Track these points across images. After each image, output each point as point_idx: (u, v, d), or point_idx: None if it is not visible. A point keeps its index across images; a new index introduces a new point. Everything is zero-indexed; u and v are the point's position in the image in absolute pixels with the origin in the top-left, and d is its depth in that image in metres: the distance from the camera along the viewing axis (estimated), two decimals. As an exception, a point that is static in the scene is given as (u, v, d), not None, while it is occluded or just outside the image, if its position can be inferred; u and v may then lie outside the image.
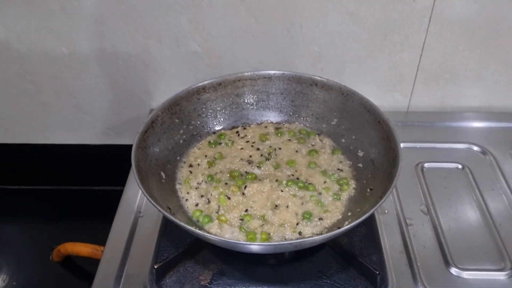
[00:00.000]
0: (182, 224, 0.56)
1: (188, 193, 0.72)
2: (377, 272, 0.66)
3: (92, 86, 0.97)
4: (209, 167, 0.75)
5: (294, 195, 0.70)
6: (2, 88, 0.98)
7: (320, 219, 0.68)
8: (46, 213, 1.12)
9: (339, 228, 0.59)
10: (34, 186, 1.17)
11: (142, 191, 0.59)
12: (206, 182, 0.73)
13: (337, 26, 0.87)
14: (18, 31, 0.89)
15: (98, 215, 0.82)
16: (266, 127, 0.83)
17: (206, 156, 0.77)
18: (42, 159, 1.10)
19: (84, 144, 1.07)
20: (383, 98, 0.98)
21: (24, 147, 1.07)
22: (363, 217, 0.58)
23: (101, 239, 0.75)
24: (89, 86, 0.97)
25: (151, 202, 0.58)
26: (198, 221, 0.68)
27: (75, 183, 1.16)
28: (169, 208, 0.65)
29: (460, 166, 0.86)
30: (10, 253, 1.03)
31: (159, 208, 0.57)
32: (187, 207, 0.70)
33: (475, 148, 0.90)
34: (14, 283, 0.97)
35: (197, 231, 0.56)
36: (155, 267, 0.65)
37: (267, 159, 0.77)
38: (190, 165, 0.76)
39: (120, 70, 0.94)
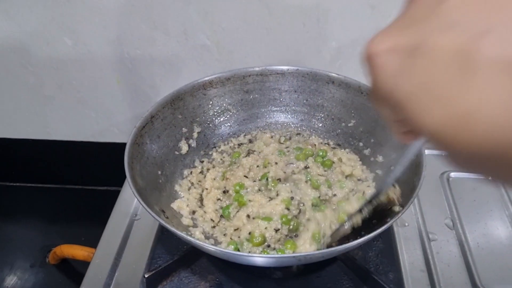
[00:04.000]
0: (174, 230, 0.49)
1: (187, 197, 0.66)
2: (395, 292, 0.58)
3: (96, 79, 0.92)
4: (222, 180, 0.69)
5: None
6: (3, 80, 0.94)
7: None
8: (45, 212, 1.07)
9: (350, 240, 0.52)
10: (33, 184, 1.13)
11: (132, 190, 0.54)
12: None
13: (358, 20, 0.80)
14: (20, 20, 0.84)
15: (98, 216, 0.77)
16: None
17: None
18: (43, 156, 1.06)
19: (87, 142, 1.02)
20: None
21: (24, 143, 1.03)
22: (379, 230, 0.51)
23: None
24: (93, 79, 0.92)
25: (140, 203, 0.52)
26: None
27: (77, 182, 1.11)
28: (163, 211, 0.59)
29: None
30: (7, 254, 0.98)
31: (149, 210, 0.51)
32: (184, 212, 0.64)
33: (508, 157, 0.81)
34: (8, 286, 0.92)
35: (190, 238, 0.49)
36: (146, 276, 0.59)
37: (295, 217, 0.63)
38: (201, 172, 0.70)
39: (125, 63, 0.89)
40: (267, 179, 0.66)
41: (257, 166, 0.69)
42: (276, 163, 0.69)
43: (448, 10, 0.21)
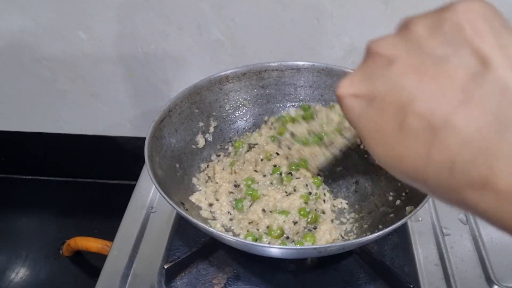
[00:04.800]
0: (195, 221, 0.50)
1: (205, 190, 0.66)
2: (411, 286, 0.59)
3: (109, 74, 0.93)
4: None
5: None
6: (17, 74, 0.94)
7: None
8: (58, 206, 1.08)
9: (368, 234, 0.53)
10: (47, 177, 1.13)
11: (153, 182, 0.54)
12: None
13: (371, 16, 0.80)
14: (35, 15, 0.85)
15: (111, 209, 0.78)
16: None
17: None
18: (56, 149, 1.07)
19: (99, 135, 1.03)
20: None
21: (37, 136, 1.03)
22: (396, 225, 0.51)
23: (113, 235, 0.71)
24: (106, 74, 0.93)
25: (161, 194, 0.52)
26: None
27: (90, 175, 1.12)
28: (183, 204, 0.60)
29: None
30: (20, 246, 0.99)
31: (170, 201, 0.52)
32: (202, 205, 0.64)
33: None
34: (23, 277, 0.93)
35: (211, 229, 0.50)
36: (165, 267, 0.60)
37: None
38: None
39: (139, 57, 0.90)
40: (280, 173, 0.66)
41: (262, 160, 0.69)
42: (277, 154, 0.69)
43: (393, 73, 0.25)
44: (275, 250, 0.52)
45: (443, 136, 0.22)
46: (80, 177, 1.13)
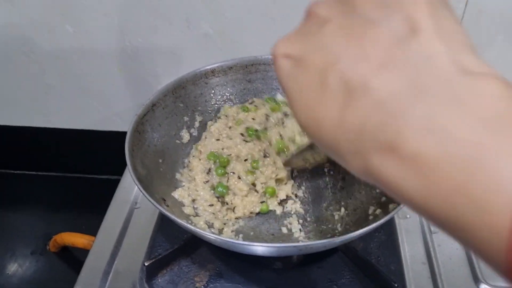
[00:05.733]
0: (174, 217, 0.49)
1: (188, 186, 0.65)
2: (395, 285, 0.58)
3: (97, 68, 0.92)
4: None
5: None
6: (4, 67, 0.93)
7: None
8: (45, 200, 1.07)
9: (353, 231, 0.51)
10: (35, 171, 1.12)
11: (132, 178, 0.53)
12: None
13: (362, 10, 0.79)
14: (22, 7, 0.84)
15: (100, 204, 0.77)
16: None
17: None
18: (44, 143, 1.06)
19: (88, 130, 1.02)
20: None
21: (25, 130, 1.02)
22: (381, 221, 0.50)
23: (100, 229, 0.70)
24: (95, 68, 0.92)
25: (140, 190, 0.51)
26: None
27: (78, 170, 1.11)
28: (164, 200, 0.59)
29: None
30: (7, 242, 0.98)
31: (149, 197, 0.51)
32: (185, 201, 0.63)
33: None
34: (9, 273, 0.92)
35: (190, 226, 0.49)
36: (146, 264, 0.59)
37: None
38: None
39: (127, 51, 0.88)
40: (256, 130, 0.66)
41: (230, 127, 0.69)
42: (253, 119, 0.68)
43: (323, 34, 0.25)
44: (255, 247, 0.51)
45: (357, 98, 0.22)
46: (68, 172, 1.12)
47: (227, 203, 0.63)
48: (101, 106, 0.98)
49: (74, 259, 0.93)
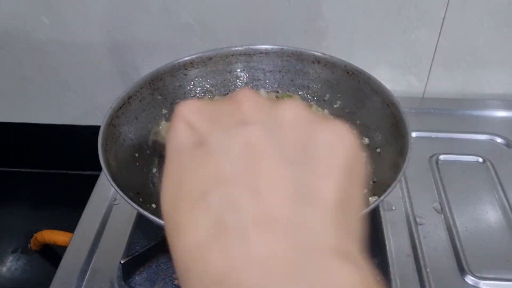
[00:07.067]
0: (145, 213, 0.47)
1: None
2: (379, 278, 0.56)
3: (76, 60, 0.89)
4: None
5: None
6: (-20, 61, 0.90)
7: None
8: (27, 197, 1.05)
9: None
10: (16, 168, 1.10)
11: (104, 172, 0.52)
12: None
13: (346, -1, 0.77)
14: (-5, -3, 0.81)
15: (82, 201, 0.76)
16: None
17: None
18: (24, 139, 1.03)
19: (69, 125, 0.99)
20: (396, 82, 0.88)
21: (3, 126, 1.00)
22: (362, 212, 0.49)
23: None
24: (73, 60, 0.89)
25: (112, 185, 0.49)
26: None
27: (60, 166, 1.09)
28: (138, 194, 0.57)
29: (480, 160, 0.76)
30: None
31: (120, 191, 0.49)
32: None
33: (499, 140, 0.79)
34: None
35: (161, 221, 0.47)
36: (122, 262, 0.57)
37: None
38: None
39: (106, 43, 0.86)
40: None
41: None
42: None
43: (240, 135, 0.21)
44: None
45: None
46: (50, 168, 1.09)
47: None
48: (81, 100, 0.96)
49: (55, 257, 0.92)
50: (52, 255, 0.92)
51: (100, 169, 0.87)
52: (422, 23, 0.79)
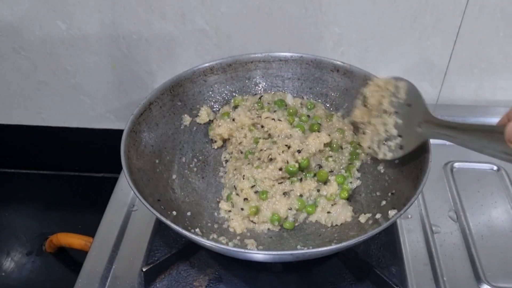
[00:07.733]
0: (168, 222, 0.48)
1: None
2: (397, 287, 0.57)
3: (91, 65, 0.90)
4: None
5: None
6: (-5, 64, 0.91)
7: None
8: (40, 199, 1.05)
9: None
10: (29, 170, 1.10)
11: (127, 180, 0.52)
12: None
13: (361, 5, 0.77)
14: (12, 3, 0.81)
15: (95, 203, 0.76)
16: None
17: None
18: (37, 142, 1.04)
19: (83, 128, 1.00)
20: (410, 89, 0.88)
21: (18, 129, 1.00)
22: (383, 226, 0.50)
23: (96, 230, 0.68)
24: (88, 65, 0.90)
25: (135, 193, 0.50)
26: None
27: (73, 168, 1.09)
28: (159, 201, 0.57)
29: (495, 168, 0.76)
30: (3, 242, 0.97)
31: (143, 200, 0.50)
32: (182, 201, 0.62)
33: (513, 147, 0.79)
34: (4, 274, 0.91)
35: (186, 232, 0.48)
36: (144, 269, 0.58)
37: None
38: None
39: (121, 48, 0.86)
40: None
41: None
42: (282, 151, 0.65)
43: None
44: (253, 255, 0.50)
45: None
46: (63, 170, 1.10)
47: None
48: (95, 104, 0.96)
49: (70, 259, 0.92)
50: (67, 257, 0.92)
51: (114, 171, 0.88)
52: (438, 30, 0.79)
